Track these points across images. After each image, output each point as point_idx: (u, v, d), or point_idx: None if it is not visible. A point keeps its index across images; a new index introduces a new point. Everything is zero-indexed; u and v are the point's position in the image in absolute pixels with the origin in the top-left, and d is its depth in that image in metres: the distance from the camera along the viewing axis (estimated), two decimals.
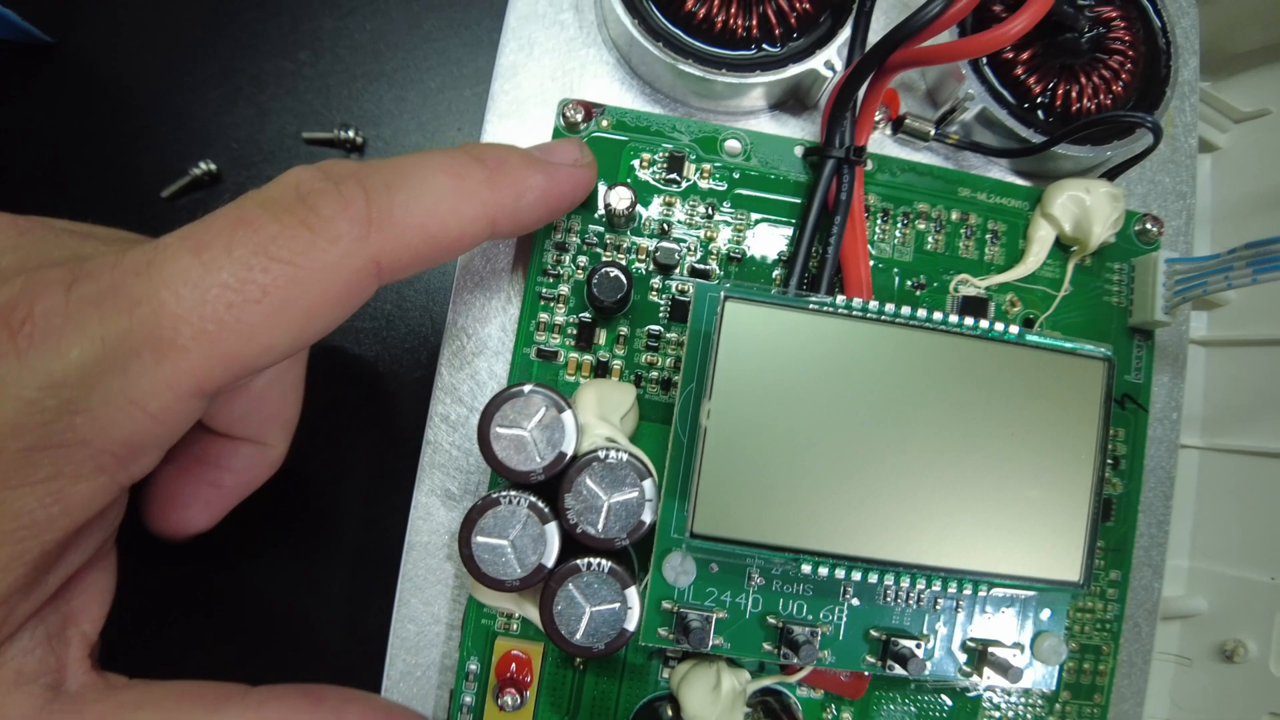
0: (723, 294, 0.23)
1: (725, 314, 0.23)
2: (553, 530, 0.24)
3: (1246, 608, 0.33)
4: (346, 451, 0.32)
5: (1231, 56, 0.38)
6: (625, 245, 0.28)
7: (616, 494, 0.24)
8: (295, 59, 0.38)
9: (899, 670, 0.24)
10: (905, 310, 0.24)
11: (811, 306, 0.24)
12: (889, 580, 0.23)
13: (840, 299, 0.24)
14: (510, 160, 0.23)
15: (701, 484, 0.23)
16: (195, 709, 0.20)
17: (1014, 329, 0.24)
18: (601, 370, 0.28)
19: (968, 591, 0.24)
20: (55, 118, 0.37)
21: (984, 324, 0.24)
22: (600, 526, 0.24)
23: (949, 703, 0.29)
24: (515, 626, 0.27)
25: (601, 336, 0.28)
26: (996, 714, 0.29)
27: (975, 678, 0.25)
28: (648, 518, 0.24)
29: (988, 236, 0.30)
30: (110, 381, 0.17)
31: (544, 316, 0.28)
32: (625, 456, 0.24)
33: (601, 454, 0.24)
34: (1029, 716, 0.29)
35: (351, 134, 0.38)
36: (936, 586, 0.23)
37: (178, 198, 0.37)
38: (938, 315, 0.24)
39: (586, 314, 0.28)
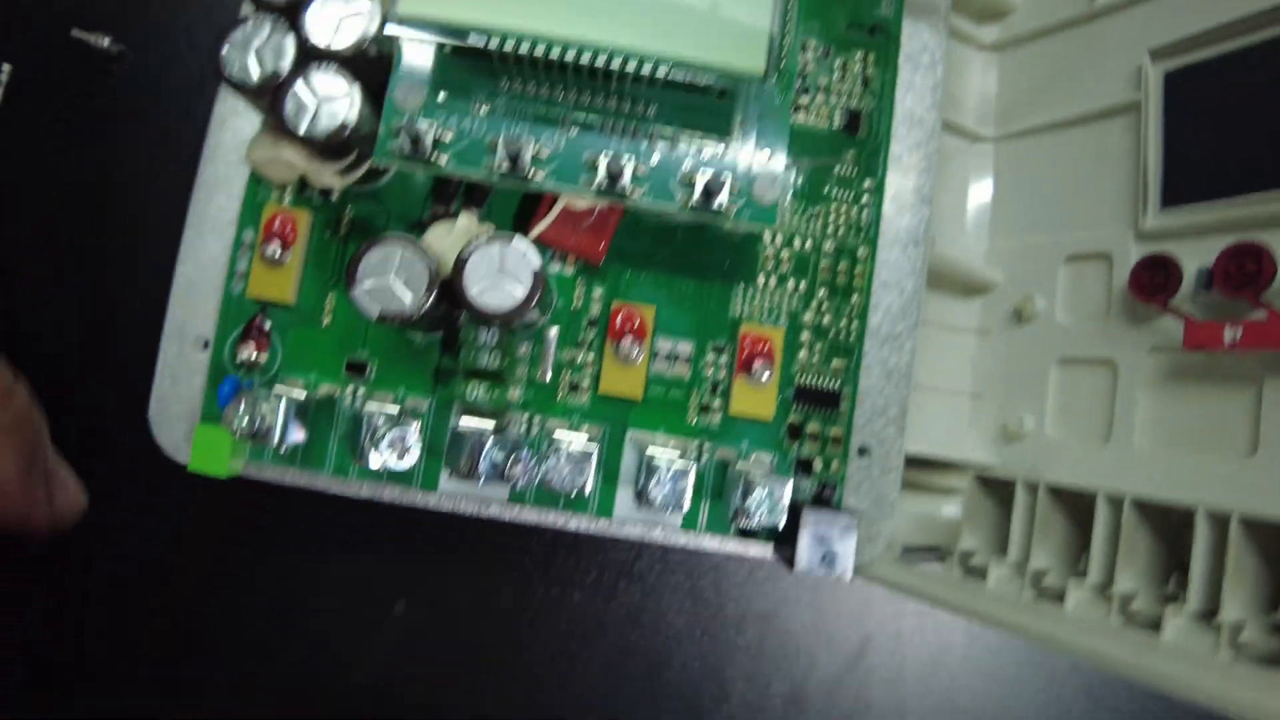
0: None
1: None
2: (290, 41, 0.26)
3: (1035, 270, 0.35)
4: None
5: None
6: None
7: None
8: None
9: (615, 186, 0.26)
10: None
11: None
12: (587, 57, 0.24)
13: None
14: None
15: None
16: None
17: None
18: None
19: (663, 71, 0.25)
20: None
21: None
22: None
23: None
24: (287, 200, 0.30)
25: None
26: (754, 297, 0.30)
27: (693, 200, 0.27)
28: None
29: None
30: None
31: None
32: None
33: None
34: (783, 311, 0.30)
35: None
36: (619, 62, 0.24)
37: None
38: None
39: None
